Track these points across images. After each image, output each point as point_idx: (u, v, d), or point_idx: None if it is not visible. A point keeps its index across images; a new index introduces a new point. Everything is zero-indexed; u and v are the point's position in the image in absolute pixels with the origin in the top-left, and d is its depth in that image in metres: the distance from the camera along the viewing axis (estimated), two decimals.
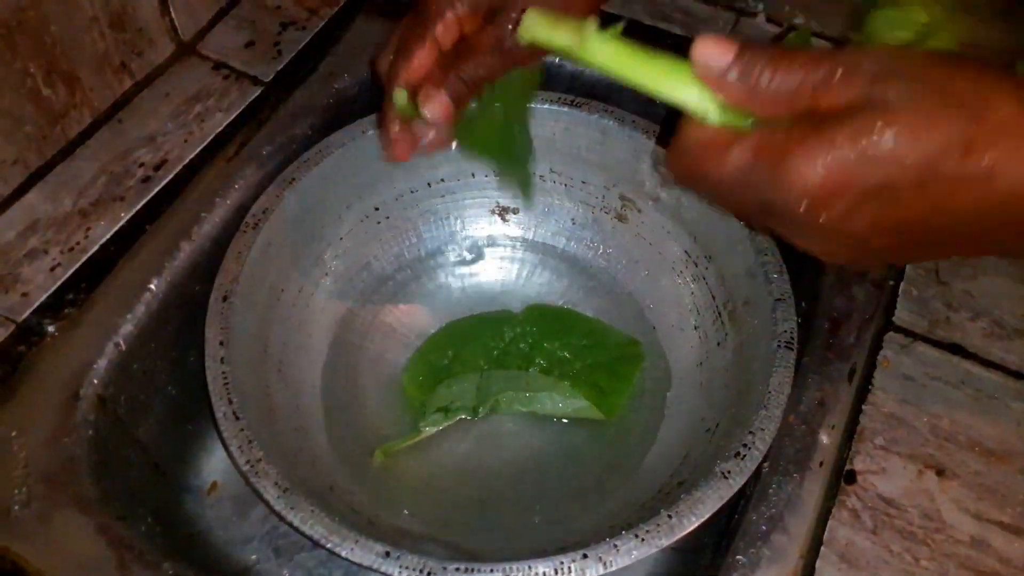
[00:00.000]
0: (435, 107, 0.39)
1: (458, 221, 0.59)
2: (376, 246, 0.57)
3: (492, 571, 0.37)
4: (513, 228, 0.60)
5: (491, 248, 0.59)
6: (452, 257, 0.59)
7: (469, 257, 0.59)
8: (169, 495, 0.51)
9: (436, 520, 0.47)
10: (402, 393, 0.53)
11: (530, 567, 0.37)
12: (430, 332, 0.55)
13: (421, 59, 0.40)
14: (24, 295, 0.45)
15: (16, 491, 0.40)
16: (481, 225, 0.60)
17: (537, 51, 0.37)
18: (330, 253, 0.54)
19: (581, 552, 0.37)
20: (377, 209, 0.56)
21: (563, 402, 0.51)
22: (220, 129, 0.53)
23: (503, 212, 0.59)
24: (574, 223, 0.58)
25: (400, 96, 0.40)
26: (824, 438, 0.43)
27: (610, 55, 0.32)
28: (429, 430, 0.50)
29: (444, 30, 0.40)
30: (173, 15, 0.54)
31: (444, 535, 0.45)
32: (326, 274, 0.54)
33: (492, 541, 0.47)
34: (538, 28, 0.35)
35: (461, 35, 0.41)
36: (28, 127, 0.48)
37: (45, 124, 0.49)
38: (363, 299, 0.56)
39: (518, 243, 0.60)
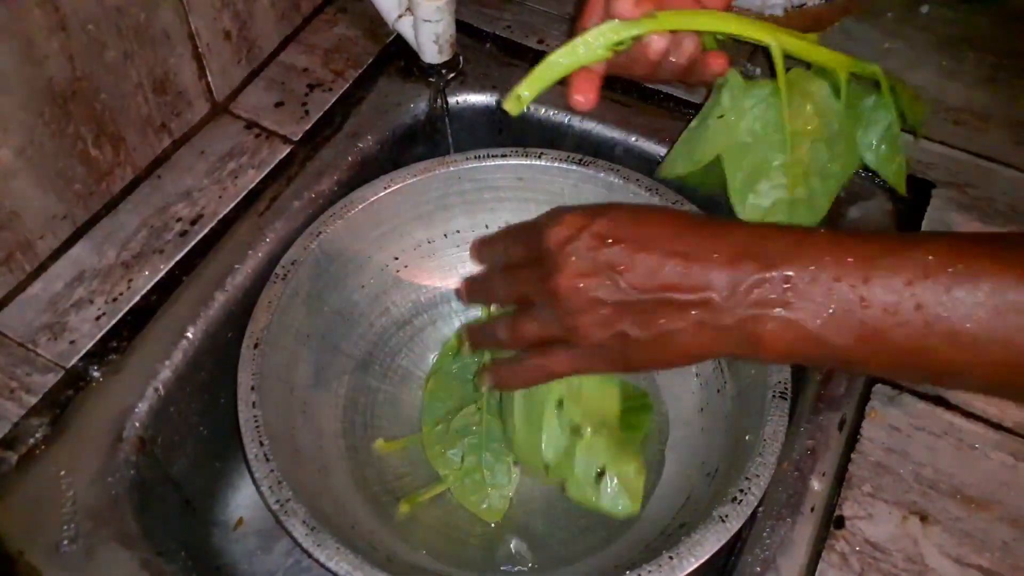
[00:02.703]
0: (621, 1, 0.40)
1: (472, 270, 0.62)
2: (395, 293, 0.60)
3: None
4: None
5: None
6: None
7: None
8: (199, 530, 0.54)
9: (451, 558, 0.50)
10: (418, 436, 0.56)
11: None
12: None
13: None
14: (72, 343, 0.49)
15: (64, 527, 0.43)
16: None
17: None
18: (352, 300, 0.58)
19: None
20: (396, 258, 0.60)
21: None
22: (252, 185, 0.57)
23: None
24: None
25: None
26: (815, 484, 0.45)
27: None
28: (448, 472, 0.53)
29: None
30: (209, 78, 0.58)
31: (458, 573, 0.48)
32: (347, 320, 0.58)
33: None
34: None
35: None
36: (77, 185, 0.51)
37: (92, 182, 0.52)
38: (382, 344, 0.59)
39: None
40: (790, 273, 0.34)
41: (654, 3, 0.42)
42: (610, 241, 0.37)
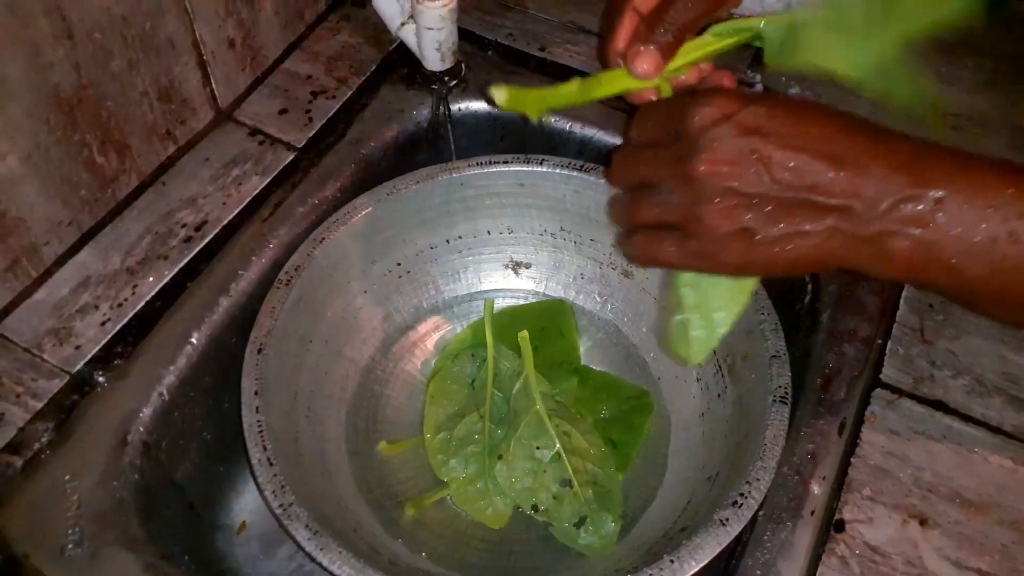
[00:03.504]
0: (643, 62, 0.41)
1: (474, 275, 0.63)
2: (398, 299, 0.61)
3: None
4: (526, 281, 0.63)
5: (505, 300, 0.63)
6: (469, 309, 0.63)
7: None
8: (202, 534, 0.54)
9: (453, 563, 0.50)
10: (422, 439, 0.56)
11: None
12: None
13: (624, 30, 0.42)
14: (77, 348, 0.49)
15: (70, 531, 0.43)
16: (496, 279, 0.63)
17: None
18: (355, 306, 0.58)
19: None
20: (399, 264, 0.60)
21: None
22: (256, 192, 0.57)
23: (516, 267, 0.63)
24: (582, 277, 0.62)
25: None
26: (815, 488, 0.46)
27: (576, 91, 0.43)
28: (451, 479, 0.53)
29: (641, 0, 0.42)
30: (213, 85, 0.59)
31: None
32: (350, 326, 0.58)
33: None
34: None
35: None
36: (83, 191, 0.52)
37: (97, 188, 0.53)
38: (384, 349, 0.60)
39: (530, 296, 0.63)
40: (943, 195, 0.32)
41: (674, 48, 0.42)
42: (762, 131, 0.35)
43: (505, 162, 0.58)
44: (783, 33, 0.43)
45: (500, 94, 0.43)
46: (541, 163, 0.57)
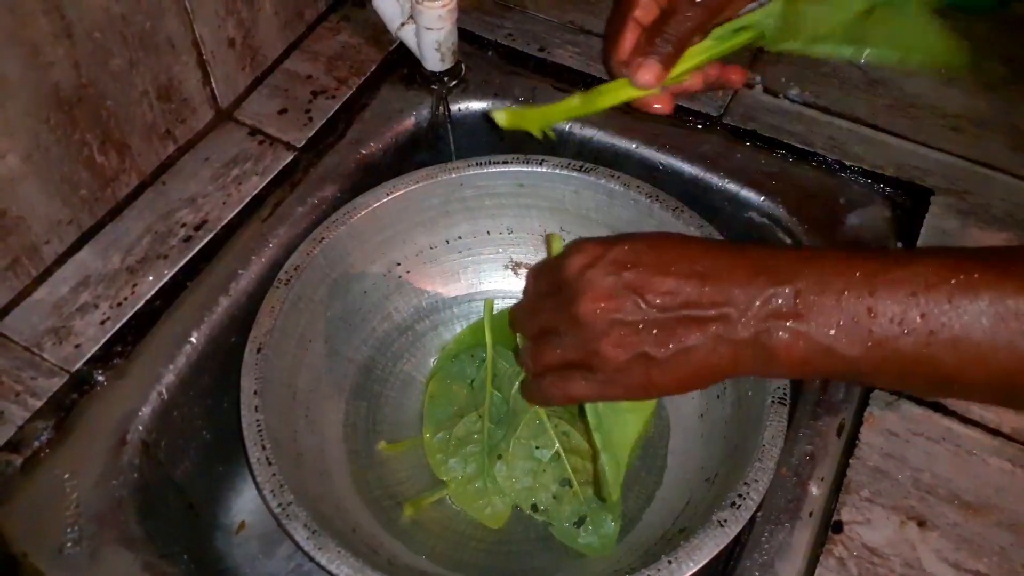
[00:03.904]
0: (644, 72, 0.43)
1: (474, 275, 0.63)
2: (397, 299, 0.61)
3: None
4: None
5: (505, 300, 0.63)
6: (469, 309, 0.63)
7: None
8: (201, 533, 0.54)
9: (452, 562, 0.50)
10: (421, 439, 0.56)
11: None
12: None
13: (626, 41, 0.45)
14: (77, 347, 0.49)
15: (68, 530, 0.43)
16: (495, 279, 0.63)
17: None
18: (354, 305, 0.58)
19: None
20: (399, 264, 0.60)
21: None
22: (256, 191, 0.57)
23: (516, 267, 0.63)
24: None
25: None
26: (814, 490, 0.46)
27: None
28: (450, 479, 0.53)
29: (643, 12, 0.45)
30: (213, 85, 0.59)
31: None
32: (350, 325, 0.58)
33: None
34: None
35: (660, 9, 0.44)
36: (83, 191, 0.52)
37: (97, 187, 0.53)
38: (384, 349, 0.60)
39: None
40: (800, 286, 0.35)
41: (674, 58, 0.44)
42: (629, 265, 0.38)
43: (505, 162, 0.58)
44: (780, 20, 0.44)
45: (501, 116, 0.45)
46: (541, 163, 0.57)
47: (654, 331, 0.37)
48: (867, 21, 0.44)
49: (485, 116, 0.64)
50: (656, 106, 0.47)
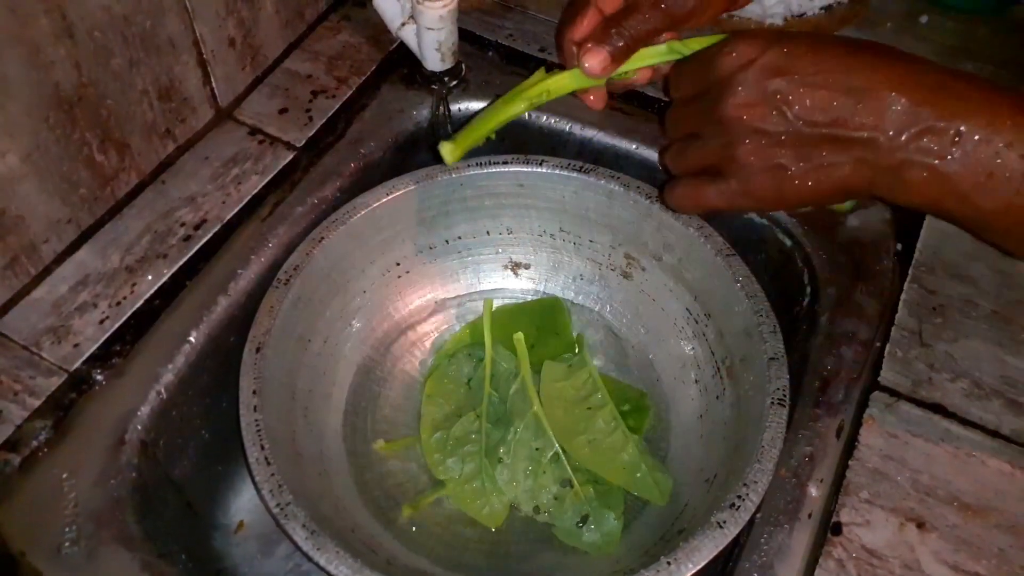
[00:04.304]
0: (591, 58, 0.43)
1: (473, 275, 0.63)
2: (396, 299, 0.61)
3: None
4: (525, 282, 0.63)
5: (504, 300, 0.63)
6: (468, 309, 0.63)
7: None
8: (200, 533, 0.54)
9: (451, 563, 0.50)
10: (417, 438, 0.56)
11: None
12: None
13: (583, 24, 0.44)
14: (75, 346, 0.49)
15: (67, 529, 0.43)
16: (495, 279, 0.63)
17: (698, 11, 0.42)
18: (354, 305, 0.58)
19: None
20: (398, 264, 0.60)
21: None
22: (255, 191, 0.57)
23: (515, 267, 0.63)
24: (582, 279, 0.62)
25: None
26: (813, 491, 0.46)
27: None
28: (448, 478, 0.53)
29: (608, 1, 0.44)
30: (213, 84, 0.59)
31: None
32: (349, 325, 0.58)
33: None
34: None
35: (624, 1, 0.44)
36: (82, 190, 0.52)
37: (96, 186, 0.53)
38: (383, 349, 0.60)
39: (529, 296, 0.63)
40: (963, 128, 0.33)
41: (624, 55, 0.44)
42: (781, 71, 0.36)
43: (505, 163, 0.58)
44: None
45: (446, 152, 0.46)
46: (541, 164, 0.57)
47: (795, 144, 0.36)
48: None
49: None
50: (590, 98, 0.47)
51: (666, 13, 0.42)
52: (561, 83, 0.46)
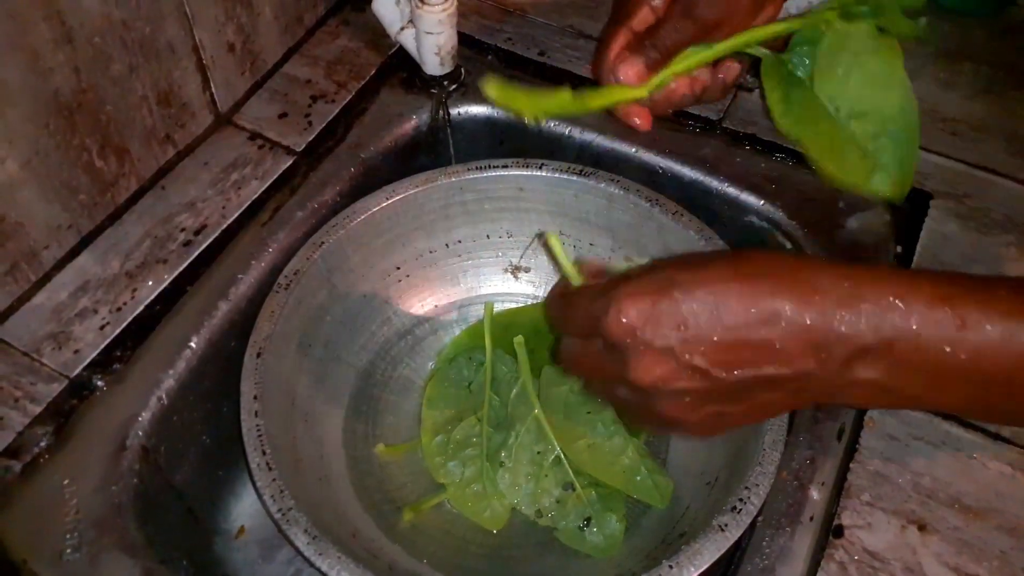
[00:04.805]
0: (626, 68, 0.44)
1: (474, 279, 0.63)
2: (397, 303, 0.61)
3: None
4: (525, 286, 0.63)
5: (505, 304, 0.63)
6: (468, 313, 0.63)
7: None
8: (201, 538, 0.54)
9: (452, 567, 0.50)
10: (419, 442, 0.56)
11: None
12: None
13: (618, 43, 0.45)
14: (76, 352, 0.49)
15: (68, 536, 0.43)
16: (495, 283, 0.63)
17: (726, 20, 0.43)
18: (354, 310, 0.58)
19: None
20: (398, 268, 0.60)
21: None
22: (255, 196, 0.57)
23: (516, 271, 0.63)
24: None
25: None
26: (814, 494, 0.46)
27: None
28: (449, 482, 0.53)
29: (638, 22, 0.45)
30: (213, 90, 0.59)
31: None
32: (350, 330, 0.58)
33: None
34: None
35: (655, 18, 0.45)
36: (82, 195, 0.52)
37: (96, 192, 0.53)
38: (383, 353, 0.60)
39: (529, 300, 0.63)
40: (895, 343, 0.31)
41: (660, 65, 0.44)
42: (681, 325, 0.33)
43: (504, 166, 0.58)
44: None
45: (491, 89, 0.44)
46: (540, 167, 0.57)
47: (723, 394, 0.34)
48: None
49: (485, 120, 0.64)
50: (636, 120, 0.47)
51: (697, 22, 0.43)
52: (602, 96, 0.46)
